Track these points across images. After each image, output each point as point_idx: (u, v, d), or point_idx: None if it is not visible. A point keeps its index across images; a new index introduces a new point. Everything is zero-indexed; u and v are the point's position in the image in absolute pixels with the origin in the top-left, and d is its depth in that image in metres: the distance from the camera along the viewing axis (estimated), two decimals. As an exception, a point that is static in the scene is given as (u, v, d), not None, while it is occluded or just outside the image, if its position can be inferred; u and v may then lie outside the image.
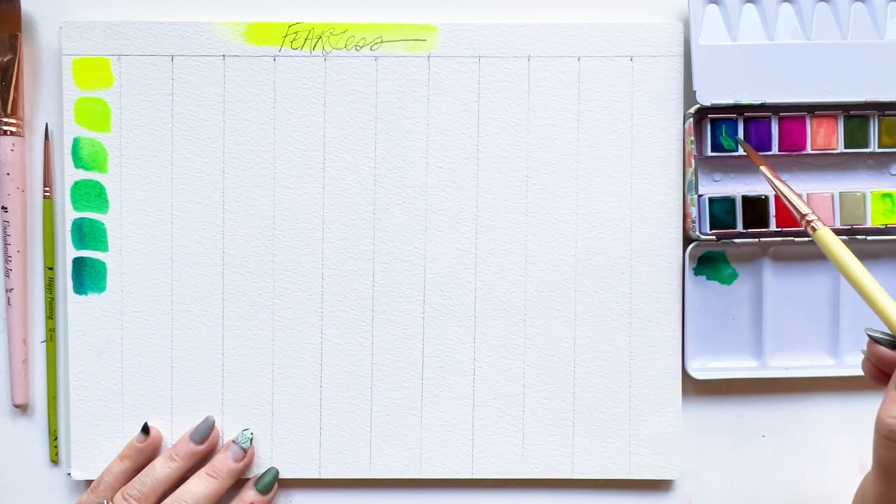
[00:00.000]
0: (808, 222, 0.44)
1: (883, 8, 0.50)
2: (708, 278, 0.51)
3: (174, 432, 0.50)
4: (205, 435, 0.49)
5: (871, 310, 0.41)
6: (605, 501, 0.51)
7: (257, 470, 0.50)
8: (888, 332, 0.40)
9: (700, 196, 0.50)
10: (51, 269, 0.51)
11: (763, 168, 0.47)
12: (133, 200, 0.50)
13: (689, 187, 0.49)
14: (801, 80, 0.49)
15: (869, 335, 0.41)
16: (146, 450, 0.49)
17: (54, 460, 0.51)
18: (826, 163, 0.51)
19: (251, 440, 0.50)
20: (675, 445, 0.51)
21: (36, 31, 0.51)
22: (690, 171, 0.49)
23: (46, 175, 0.51)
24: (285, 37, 0.50)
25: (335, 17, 0.51)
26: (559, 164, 0.50)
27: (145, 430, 0.49)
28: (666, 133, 0.50)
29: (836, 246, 0.42)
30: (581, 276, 0.50)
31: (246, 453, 0.49)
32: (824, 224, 0.43)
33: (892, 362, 0.40)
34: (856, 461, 0.52)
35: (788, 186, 0.46)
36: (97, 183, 0.50)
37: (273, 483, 0.50)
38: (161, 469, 0.48)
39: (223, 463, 0.49)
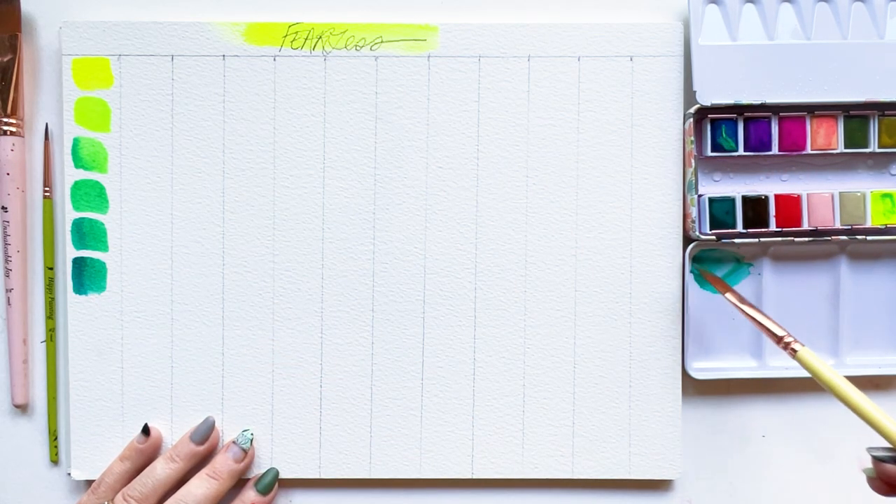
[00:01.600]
0: (787, 344, 0.44)
1: (883, 8, 0.50)
2: (708, 278, 0.51)
3: (174, 433, 0.50)
4: (205, 435, 0.49)
5: (870, 427, 0.40)
6: (605, 501, 0.51)
7: (257, 470, 0.50)
8: (889, 447, 0.40)
9: (700, 196, 0.50)
10: (51, 269, 0.51)
11: (728, 295, 0.47)
12: (133, 200, 0.50)
13: (689, 187, 0.49)
14: (801, 80, 0.49)
15: (872, 455, 0.40)
16: (146, 451, 0.49)
17: (54, 460, 0.51)
18: (826, 163, 0.51)
19: (251, 441, 0.50)
20: (675, 445, 0.51)
21: (36, 31, 0.51)
22: (690, 171, 0.49)
23: (46, 175, 0.51)
24: (285, 37, 0.50)
25: (335, 17, 0.51)
26: (559, 164, 0.50)
27: (146, 430, 0.49)
28: (666, 133, 0.50)
29: (822, 367, 0.42)
30: (581, 276, 0.50)
31: (246, 454, 0.49)
32: (803, 345, 0.43)
33: None
34: (856, 461, 0.52)
35: (758, 310, 0.46)
36: (97, 183, 0.50)
37: (273, 483, 0.50)
38: (161, 470, 0.48)
39: (224, 464, 0.49)
